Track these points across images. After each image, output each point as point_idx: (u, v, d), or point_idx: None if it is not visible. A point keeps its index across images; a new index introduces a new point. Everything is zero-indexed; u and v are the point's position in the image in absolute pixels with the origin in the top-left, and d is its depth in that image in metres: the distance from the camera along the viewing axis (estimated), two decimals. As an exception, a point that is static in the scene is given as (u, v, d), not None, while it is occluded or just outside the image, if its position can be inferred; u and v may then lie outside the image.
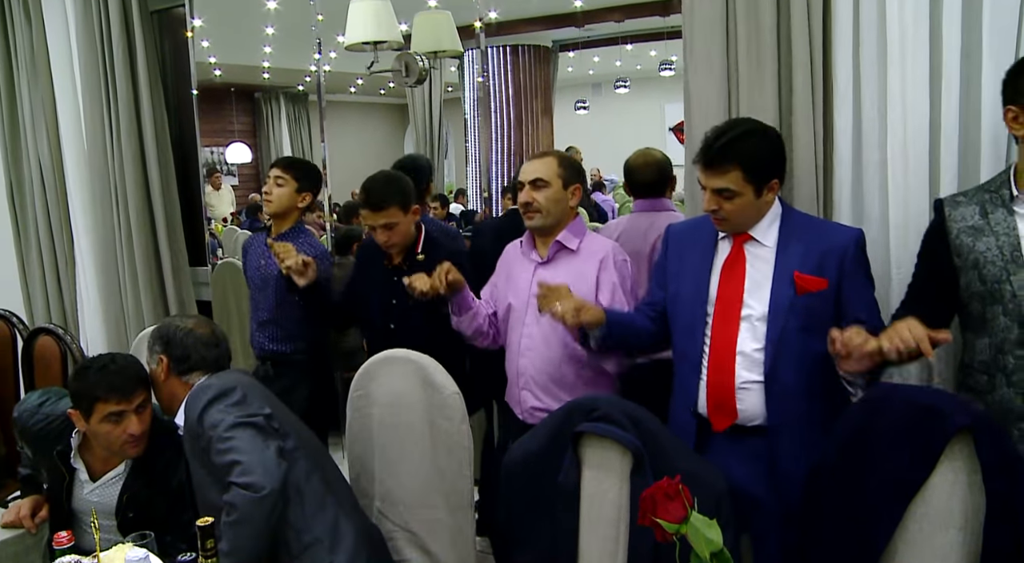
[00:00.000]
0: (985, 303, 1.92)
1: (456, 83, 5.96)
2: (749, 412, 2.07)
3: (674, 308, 2.22)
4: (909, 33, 2.21)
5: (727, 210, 2.03)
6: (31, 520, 2.43)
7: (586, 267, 2.47)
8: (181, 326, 2.34)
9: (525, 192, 2.48)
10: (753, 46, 2.41)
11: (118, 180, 3.83)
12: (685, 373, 2.18)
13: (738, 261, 2.10)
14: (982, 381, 1.96)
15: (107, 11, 3.72)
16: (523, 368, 2.51)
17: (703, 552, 1.25)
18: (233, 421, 2.08)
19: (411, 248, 2.88)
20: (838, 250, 2.02)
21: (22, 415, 2.46)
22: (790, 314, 2.01)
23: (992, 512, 1.68)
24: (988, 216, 1.91)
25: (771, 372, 2.03)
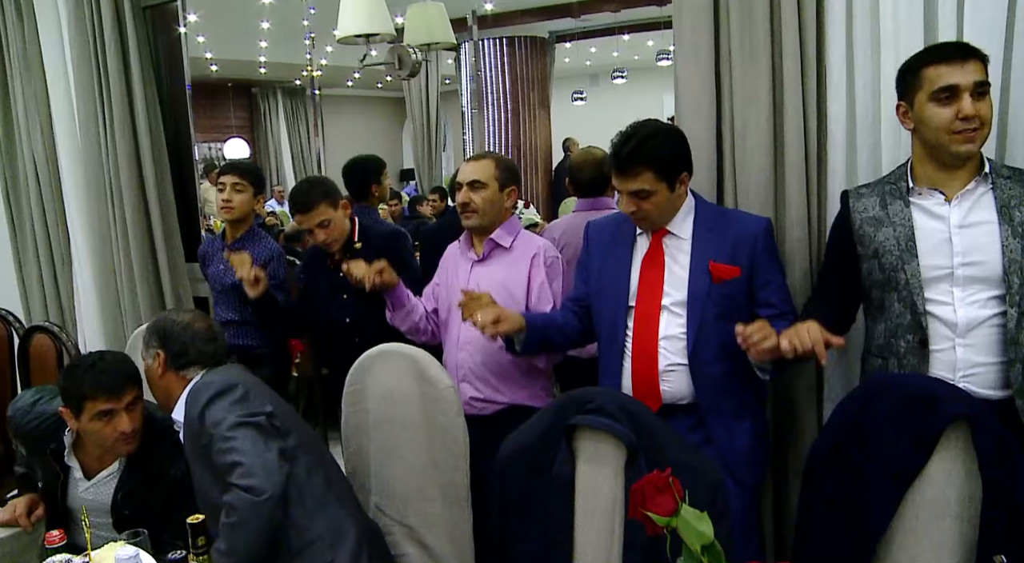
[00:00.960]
0: (883, 290, 2.02)
1: (453, 75, 5.96)
2: (675, 393, 2.19)
3: (598, 302, 2.33)
4: (903, 16, 2.20)
5: (646, 209, 2.15)
6: (27, 519, 2.42)
7: (520, 264, 2.59)
8: (178, 321, 2.31)
9: (463, 193, 2.59)
10: (746, 35, 2.40)
11: (113, 177, 3.82)
12: (610, 362, 2.29)
13: (657, 255, 2.22)
14: (877, 364, 2.06)
15: (99, 7, 3.70)
16: (462, 361, 2.62)
17: (694, 545, 1.24)
18: (235, 420, 2.06)
19: (348, 241, 3.00)
20: (749, 238, 2.16)
21: (16, 414, 2.46)
22: (708, 302, 2.14)
23: (988, 500, 1.69)
24: (887, 207, 2.00)
25: (694, 356, 2.16)
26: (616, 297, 2.26)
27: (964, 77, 1.85)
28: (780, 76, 2.39)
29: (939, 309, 1.93)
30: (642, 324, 2.21)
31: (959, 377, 1.91)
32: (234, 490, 1.98)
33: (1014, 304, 1.85)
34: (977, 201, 1.92)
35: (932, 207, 1.95)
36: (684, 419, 2.18)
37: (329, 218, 2.91)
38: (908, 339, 1.97)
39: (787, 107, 2.38)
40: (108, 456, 2.33)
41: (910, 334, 1.96)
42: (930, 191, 1.95)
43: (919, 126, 1.94)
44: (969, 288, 1.90)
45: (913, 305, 1.94)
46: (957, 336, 1.91)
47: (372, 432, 2.44)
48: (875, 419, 1.81)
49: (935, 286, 1.93)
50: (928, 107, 1.90)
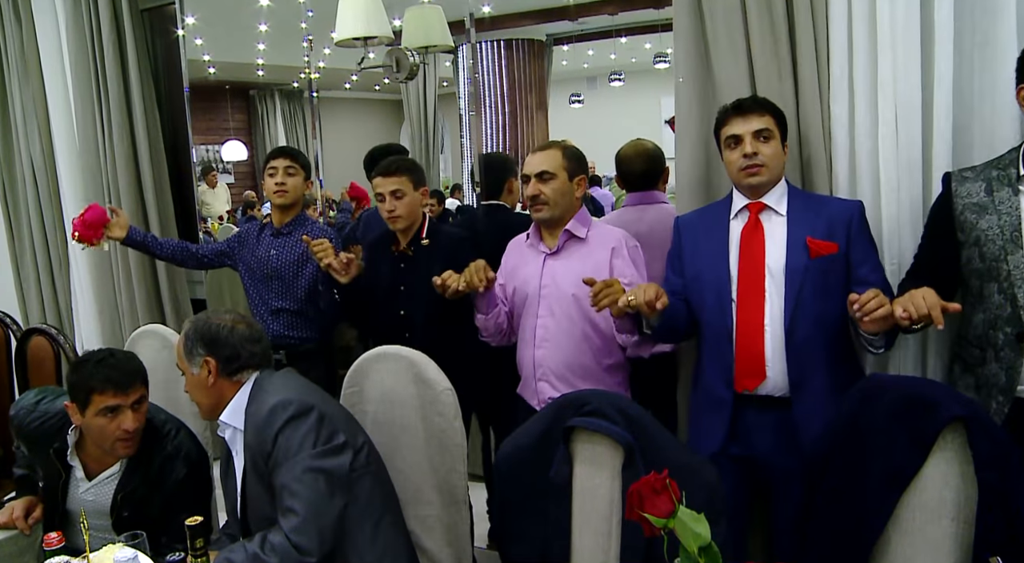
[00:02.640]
0: (983, 280, 1.97)
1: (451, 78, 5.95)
2: (775, 379, 2.15)
3: (698, 288, 2.28)
4: (900, 20, 2.21)
5: (767, 154, 2.16)
6: (24, 521, 2.42)
7: (598, 255, 2.47)
8: (222, 324, 2.19)
9: (532, 185, 2.49)
10: (768, 36, 2.41)
11: (111, 179, 3.83)
12: (715, 345, 2.24)
13: (757, 230, 2.20)
14: (975, 354, 2.02)
15: (97, 10, 3.71)
16: (540, 359, 2.51)
17: (691, 547, 1.24)
18: (309, 463, 2.00)
19: (416, 233, 2.88)
20: (844, 217, 2.14)
21: (19, 413, 2.45)
22: (805, 277, 2.11)
23: (984, 502, 1.69)
24: (993, 194, 1.94)
25: (791, 336, 2.12)
26: (719, 278, 2.22)
27: None
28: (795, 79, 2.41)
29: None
30: (746, 300, 2.18)
31: None
32: (281, 534, 1.94)
33: None
34: None
35: None
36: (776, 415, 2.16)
37: (405, 191, 2.79)
38: (1007, 332, 1.93)
39: (805, 109, 2.40)
40: (108, 457, 2.32)
41: (1009, 327, 1.92)
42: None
43: None
44: None
45: (1014, 298, 1.89)
46: None
47: (370, 434, 2.43)
48: (872, 420, 1.81)
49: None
50: None
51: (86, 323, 4.11)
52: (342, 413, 2.23)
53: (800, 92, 2.40)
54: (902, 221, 2.28)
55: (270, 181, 3.12)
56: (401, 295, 2.89)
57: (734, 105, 2.21)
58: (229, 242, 3.33)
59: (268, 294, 3.17)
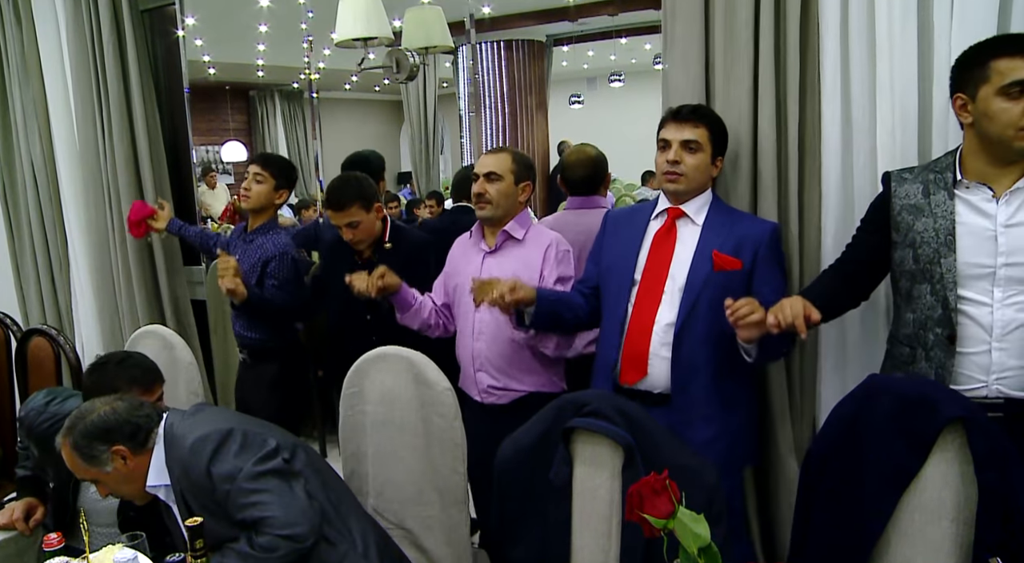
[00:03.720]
0: (914, 281, 2.00)
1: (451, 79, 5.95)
2: (656, 378, 2.24)
3: (606, 278, 2.38)
4: (897, 21, 2.21)
5: (689, 164, 2.22)
6: (24, 523, 2.43)
7: (531, 255, 2.60)
8: (103, 413, 2.07)
9: (479, 183, 2.62)
10: (729, 40, 2.42)
11: (111, 180, 3.82)
12: (608, 334, 2.34)
13: (670, 233, 2.29)
14: (905, 353, 2.05)
15: (97, 11, 3.70)
16: (478, 351, 2.62)
17: (691, 547, 1.24)
18: (253, 471, 1.97)
19: (379, 240, 3.00)
20: (755, 238, 2.21)
21: (29, 414, 2.46)
22: (704, 289, 2.18)
23: (983, 503, 1.69)
24: (930, 197, 1.96)
25: (678, 343, 2.20)
26: (623, 272, 2.31)
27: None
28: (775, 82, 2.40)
29: (974, 309, 1.90)
30: (642, 301, 2.26)
31: (992, 379, 1.89)
32: (267, 536, 1.92)
33: None
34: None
35: (979, 203, 1.90)
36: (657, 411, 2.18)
37: (359, 219, 2.90)
38: (937, 332, 1.95)
39: (785, 112, 2.40)
40: None
41: (939, 328, 1.94)
42: (978, 185, 1.90)
43: (981, 120, 1.86)
44: (1011, 289, 1.86)
45: (945, 300, 1.92)
46: (993, 339, 1.88)
47: (370, 434, 2.44)
48: (871, 421, 1.82)
49: (973, 284, 1.90)
50: (995, 101, 1.82)
51: (86, 324, 4.11)
52: (269, 426, 2.20)
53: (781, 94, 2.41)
54: None
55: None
56: (366, 300, 2.90)
57: (674, 110, 2.27)
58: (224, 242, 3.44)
59: None
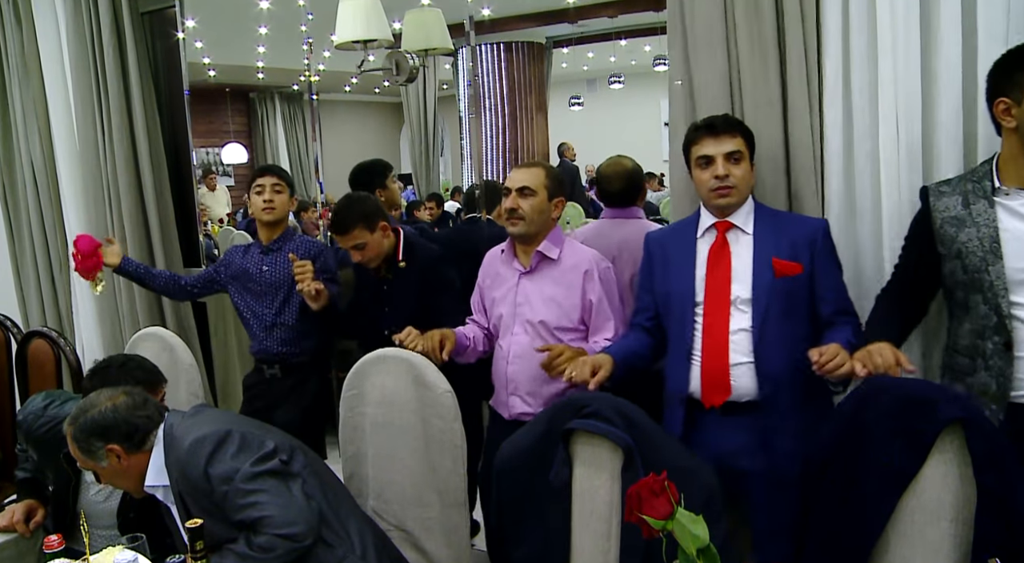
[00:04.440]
0: (967, 291, 1.99)
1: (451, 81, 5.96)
2: (741, 389, 2.18)
3: (666, 304, 2.32)
4: (900, 22, 2.21)
5: (737, 176, 2.19)
6: (24, 525, 2.43)
7: (571, 278, 2.52)
8: (104, 409, 2.08)
9: (511, 199, 2.53)
10: (756, 40, 2.40)
11: (111, 182, 3.83)
12: (677, 360, 2.28)
13: (723, 249, 2.24)
14: (964, 363, 2.04)
15: (97, 13, 3.71)
16: (512, 375, 2.56)
17: (689, 548, 1.25)
18: (250, 471, 1.97)
19: (392, 257, 2.97)
20: (808, 237, 2.18)
21: (27, 418, 2.46)
22: (772, 298, 2.16)
23: (983, 504, 1.69)
24: (970, 207, 1.96)
25: (759, 353, 2.16)
26: (684, 295, 2.26)
27: None
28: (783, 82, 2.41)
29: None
30: (711, 318, 2.21)
31: None
32: (265, 535, 1.92)
33: None
34: None
35: (1020, 208, 1.91)
36: (744, 418, 2.18)
37: (365, 241, 2.87)
38: (995, 341, 1.94)
39: (792, 113, 2.40)
40: None
41: (997, 336, 1.93)
42: (1018, 191, 1.91)
43: (1019, 125, 1.87)
44: None
45: (998, 307, 1.91)
46: None
47: (370, 436, 2.44)
48: (871, 422, 1.81)
49: (1022, 289, 1.90)
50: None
51: (86, 326, 4.11)
52: (268, 428, 2.20)
53: (789, 95, 2.40)
54: (903, 223, 2.27)
55: (258, 199, 3.15)
56: (385, 316, 2.96)
57: (706, 124, 2.24)
58: (215, 268, 3.33)
59: (263, 310, 3.18)
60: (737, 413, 2.19)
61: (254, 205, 3.16)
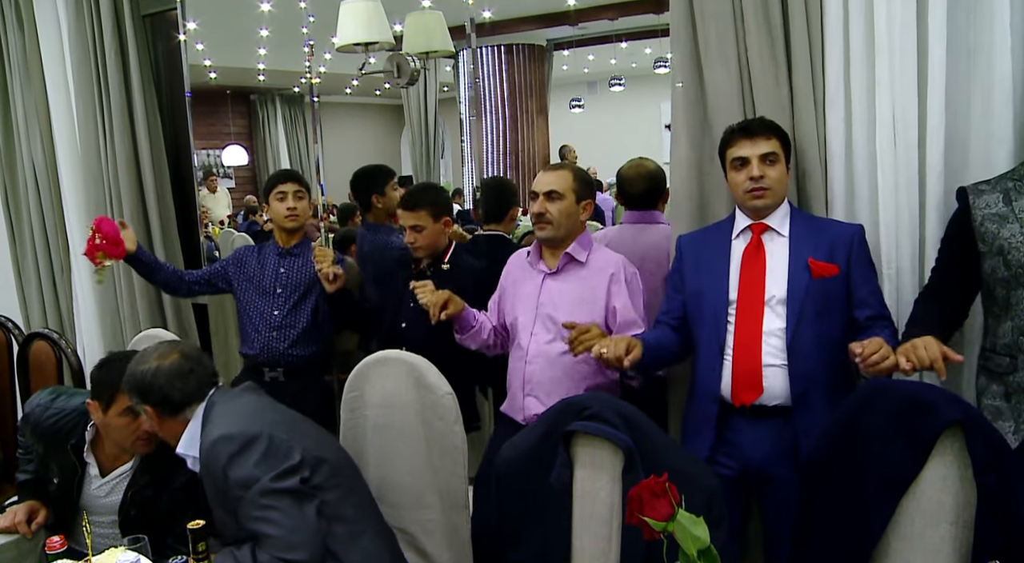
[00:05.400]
0: (1009, 288, 1.98)
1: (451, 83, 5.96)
2: (773, 390, 2.18)
3: (697, 304, 2.32)
4: (896, 27, 2.22)
5: (772, 178, 2.20)
6: (26, 526, 2.43)
7: (596, 281, 2.50)
8: (148, 369, 2.10)
9: (539, 203, 2.51)
10: (766, 43, 2.40)
11: (112, 184, 3.83)
12: (707, 360, 2.28)
13: (759, 250, 2.25)
14: (1004, 363, 2.03)
15: (99, 15, 3.72)
16: (530, 375, 2.54)
17: (690, 550, 1.25)
18: (268, 486, 1.94)
19: (439, 256, 3.00)
20: (845, 240, 2.18)
21: (34, 410, 2.48)
22: (807, 297, 2.16)
23: (983, 506, 1.69)
24: (1012, 203, 1.97)
25: (792, 353, 2.16)
26: (717, 294, 2.26)
27: None
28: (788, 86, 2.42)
29: None
30: (745, 317, 2.21)
31: None
32: (268, 555, 1.91)
33: None
34: None
35: None
36: (774, 422, 2.19)
37: (424, 225, 2.92)
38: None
39: (799, 117, 2.41)
40: (123, 455, 2.36)
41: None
42: None
43: None
44: None
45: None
46: None
47: (370, 438, 2.45)
48: (871, 425, 1.82)
49: None
50: None
51: (87, 327, 4.11)
52: (302, 430, 2.18)
53: (795, 98, 2.41)
54: (900, 225, 2.29)
55: (280, 206, 3.13)
56: (407, 309, 2.98)
57: (741, 126, 2.24)
58: (223, 265, 3.30)
59: (273, 310, 3.16)
60: (767, 417, 2.19)
61: (275, 212, 3.15)
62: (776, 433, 2.18)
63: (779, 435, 2.18)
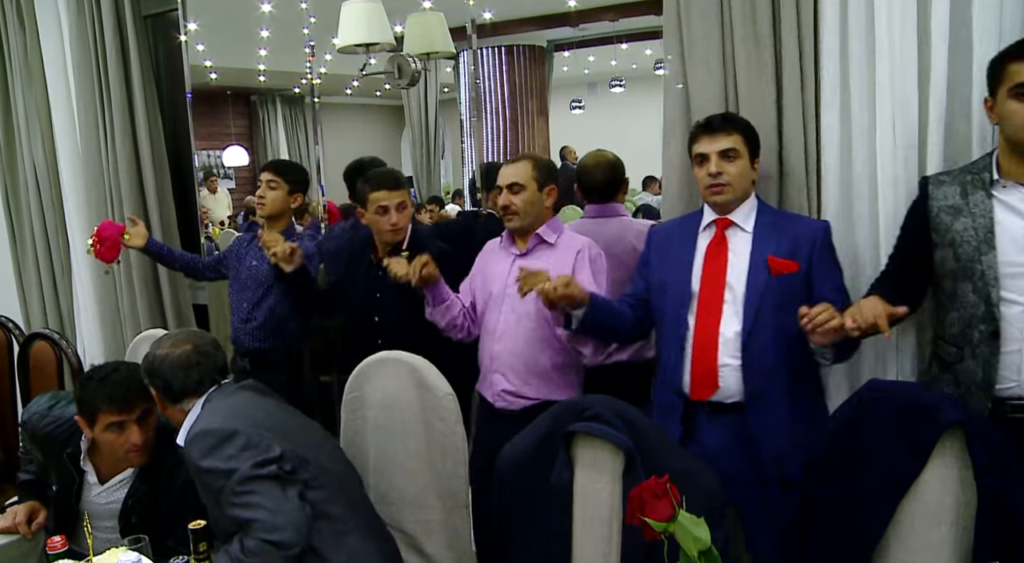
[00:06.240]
0: (957, 280, 2.02)
1: (452, 84, 5.97)
2: (729, 388, 2.21)
3: (661, 296, 2.36)
4: (897, 26, 2.22)
5: (731, 174, 2.21)
6: (27, 526, 2.43)
7: (563, 258, 2.58)
8: (158, 353, 2.16)
9: (503, 196, 2.61)
10: (752, 44, 2.42)
11: (113, 184, 3.83)
12: (669, 354, 2.32)
13: (721, 245, 2.27)
14: (951, 352, 2.06)
15: (100, 15, 3.72)
16: (497, 352, 2.62)
17: (691, 551, 1.25)
18: (248, 473, 1.95)
19: (397, 244, 2.99)
20: (808, 238, 2.20)
21: (32, 418, 2.47)
22: (766, 294, 2.18)
23: (983, 508, 1.70)
24: (968, 197, 1.99)
25: (747, 350, 2.18)
26: (680, 287, 2.29)
27: None
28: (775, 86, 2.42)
29: (1010, 308, 1.93)
30: (704, 314, 2.24)
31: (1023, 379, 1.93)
32: (254, 539, 1.91)
33: None
34: None
35: (1015, 203, 1.94)
36: (730, 418, 2.21)
37: (406, 202, 2.93)
38: (981, 329, 1.97)
39: (787, 116, 2.41)
40: (122, 463, 2.35)
41: (983, 324, 1.96)
42: (1016, 185, 1.94)
43: (1001, 121, 1.94)
44: None
45: (988, 297, 1.94)
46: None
47: (371, 439, 2.45)
48: (872, 426, 1.82)
49: (1010, 283, 1.93)
50: (1008, 103, 1.90)
51: (88, 328, 4.11)
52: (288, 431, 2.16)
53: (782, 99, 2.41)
54: (899, 221, 2.29)
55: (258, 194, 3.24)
56: (376, 301, 2.99)
57: (704, 123, 2.27)
58: (226, 250, 3.41)
59: (243, 302, 3.26)
60: (724, 413, 2.22)
61: (250, 200, 3.25)
62: (733, 431, 2.21)
63: (736, 433, 2.20)
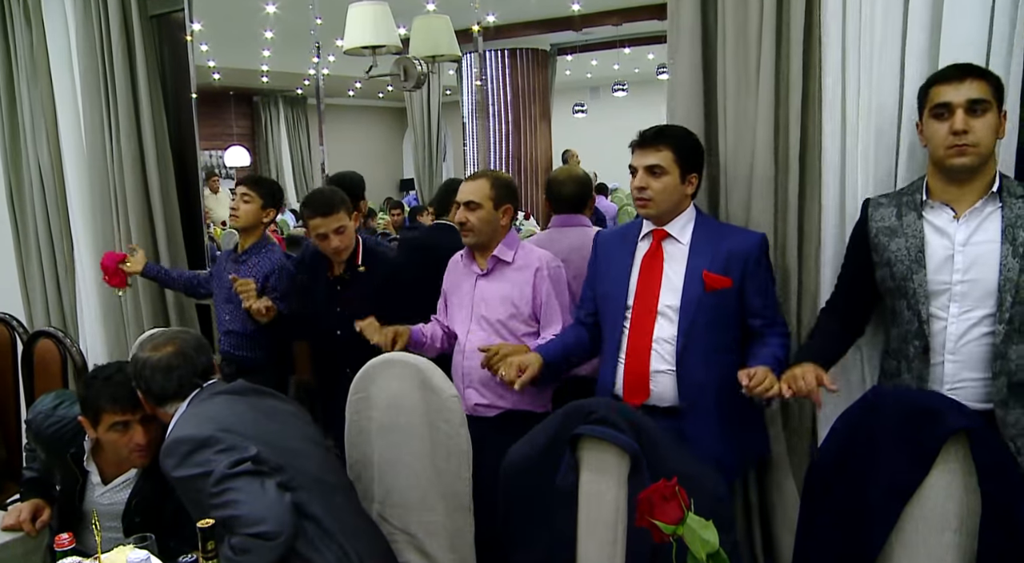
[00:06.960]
0: (894, 297, 2.10)
1: (455, 86, 5.98)
2: (662, 395, 2.29)
3: (603, 304, 2.43)
4: (877, 35, 2.24)
5: (655, 188, 2.26)
6: (31, 524, 2.43)
7: (522, 277, 2.68)
8: (140, 356, 2.17)
9: (460, 213, 2.68)
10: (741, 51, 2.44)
11: (118, 184, 3.84)
12: (607, 358, 2.40)
13: (656, 256, 2.32)
14: (893, 366, 2.15)
15: (107, 15, 3.72)
16: (468, 369, 2.70)
17: (699, 553, 1.26)
18: (222, 473, 1.93)
19: (351, 259, 3.05)
20: (743, 253, 2.24)
21: (36, 418, 2.47)
22: (699, 309, 2.23)
23: (987, 514, 1.70)
24: (902, 218, 2.07)
25: (681, 362, 2.25)
26: (617, 296, 2.34)
27: (957, 95, 1.94)
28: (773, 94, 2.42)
29: (935, 324, 2.01)
30: (637, 324, 2.30)
31: (946, 390, 1.99)
32: (238, 536, 1.89)
33: (1003, 320, 1.91)
34: (985, 219, 1.97)
35: (941, 224, 2.02)
36: (664, 422, 2.21)
37: (345, 225, 2.97)
38: (915, 345, 2.04)
39: (783, 124, 2.42)
40: (125, 463, 2.35)
41: (917, 340, 2.04)
42: (942, 206, 2.02)
43: (927, 142, 2.03)
44: (965, 304, 1.97)
45: (919, 314, 2.02)
46: (946, 351, 1.99)
47: (376, 440, 2.45)
48: (875, 432, 1.83)
49: (936, 300, 2.00)
50: (930, 123, 2.01)
51: (90, 327, 4.11)
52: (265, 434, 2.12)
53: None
54: None
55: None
56: (337, 316, 3.03)
57: (639, 136, 2.32)
58: (215, 266, 3.48)
59: (223, 316, 3.32)
60: (658, 416, 2.24)
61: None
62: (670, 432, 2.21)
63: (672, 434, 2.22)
